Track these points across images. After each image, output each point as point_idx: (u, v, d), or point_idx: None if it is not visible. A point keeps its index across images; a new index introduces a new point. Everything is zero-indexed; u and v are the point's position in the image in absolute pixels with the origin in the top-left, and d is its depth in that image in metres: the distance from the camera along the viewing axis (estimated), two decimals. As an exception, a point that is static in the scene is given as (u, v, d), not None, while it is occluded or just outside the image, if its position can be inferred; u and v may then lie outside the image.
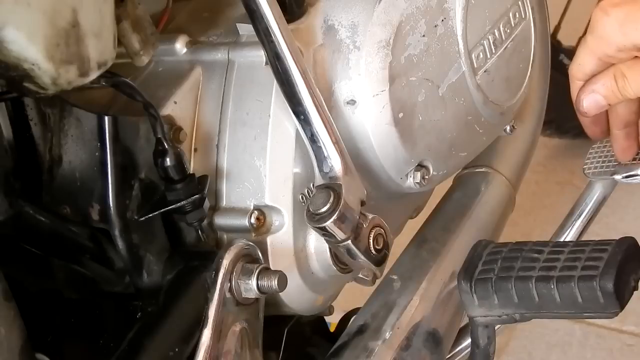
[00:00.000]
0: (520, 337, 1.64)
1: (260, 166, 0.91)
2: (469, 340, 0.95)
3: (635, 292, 0.84)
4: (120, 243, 0.84)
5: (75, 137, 0.84)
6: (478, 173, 1.18)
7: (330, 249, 0.93)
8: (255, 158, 0.91)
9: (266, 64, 0.89)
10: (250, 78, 0.92)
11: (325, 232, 0.88)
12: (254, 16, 0.86)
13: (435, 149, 0.99)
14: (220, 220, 0.91)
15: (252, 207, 0.90)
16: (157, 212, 0.85)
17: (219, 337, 0.84)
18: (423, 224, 1.11)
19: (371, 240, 0.91)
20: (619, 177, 1.02)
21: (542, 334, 1.64)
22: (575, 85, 0.96)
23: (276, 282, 0.85)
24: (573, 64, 0.95)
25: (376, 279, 0.98)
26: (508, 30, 1.06)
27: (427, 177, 0.99)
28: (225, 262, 0.85)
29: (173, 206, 0.86)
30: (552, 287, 0.83)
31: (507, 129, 1.14)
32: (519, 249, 0.87)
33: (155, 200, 0.87)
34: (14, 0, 0.66)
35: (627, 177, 1.01)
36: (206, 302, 0.84)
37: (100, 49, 0.73)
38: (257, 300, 0.88)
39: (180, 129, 0.90)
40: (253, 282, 0.85)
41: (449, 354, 1.07)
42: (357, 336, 0.97)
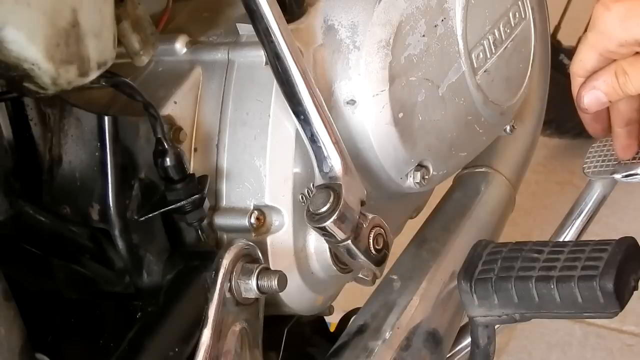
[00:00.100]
0: (520, 337, 1.63)
1: (260, 166, 0.91)
2: (469, 340, 0.95)
3: (635, 292, 0.84)
4: (120, 243, 0.84)
5: (75, 137, 0.84)
6: (478, 173, 1.18)
7: (330, 249, 0.93)
8: (255, 158, 0.91)
9: (266, 64, 0.89)
10: (250, 78, 0.92)
11: (325, 232, 0.88)
12: (254, 16, 0.86)
13: (435, 149, 0.99)
14: (220, 220, 0.91)
15: (252, 207, 0.90)
16: (157, 212, 0.85)
17: (219, 337, 0.84)
18: (423, 224, 1.11)
19: (371, 240, 0.91)
20: (618, 176, 1.02)
21: (542, 334, 1.64)
22: (576, 81, 0.95)
23: (276, 282, 0.85)
24: (574, 60, 0.95)
25: (376, 279, 0.98)
26: (508, 30, 1.06)
27: (427, 177, 0.99)
28: (225, 262, 0.85)
29: (173, 206, 0.86)
30: (552, 287, 0.83)
31: (507, 129, 1.14)
32: (519, 249, 0.87)
33: (155, 200, 0.87)
34: (14, 0, 0.66)
35: (627, 176, 1.01)
36: (206, 302, 0.84)
37: (100, 49, 0.73)
38: (257, 300, 0.88)
39: (180, 128, 0.90)
40: (253, 282, 0.85)
41: (449, 353, 1.07)
42: (357, 336, 0.97)
